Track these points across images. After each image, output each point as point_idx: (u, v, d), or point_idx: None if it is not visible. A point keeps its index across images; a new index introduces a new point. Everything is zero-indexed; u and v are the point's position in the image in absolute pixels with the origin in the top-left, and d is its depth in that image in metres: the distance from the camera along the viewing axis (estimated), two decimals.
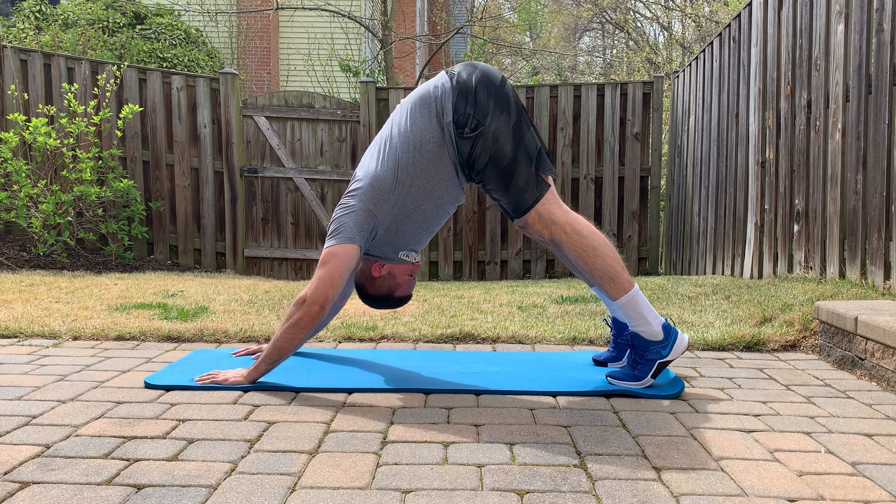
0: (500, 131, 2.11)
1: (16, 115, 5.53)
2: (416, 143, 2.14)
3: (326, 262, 2.11)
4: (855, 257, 3.29)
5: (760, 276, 4.33)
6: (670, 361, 2.17)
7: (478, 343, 2.92)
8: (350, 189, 2.19)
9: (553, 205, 2.17)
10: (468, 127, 2.10)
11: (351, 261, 2.12)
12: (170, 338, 2.93)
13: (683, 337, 2.19)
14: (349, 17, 10.13)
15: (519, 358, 2.61)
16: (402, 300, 2.33)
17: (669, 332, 2.17)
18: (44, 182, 5.59)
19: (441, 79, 2.19)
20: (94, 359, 2.57)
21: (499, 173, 2.13)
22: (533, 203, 2.15)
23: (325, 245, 2.15)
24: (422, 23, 15.65)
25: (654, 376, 2.17)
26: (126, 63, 6.47)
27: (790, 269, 3.96)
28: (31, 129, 5.46)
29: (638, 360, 2.17)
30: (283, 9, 10.25)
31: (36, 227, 5.41)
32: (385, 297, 2.30)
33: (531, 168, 2.14)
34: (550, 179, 2.21)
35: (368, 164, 2.20)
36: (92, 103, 5.92)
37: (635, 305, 2.16)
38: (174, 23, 9.56)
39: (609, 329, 2.72)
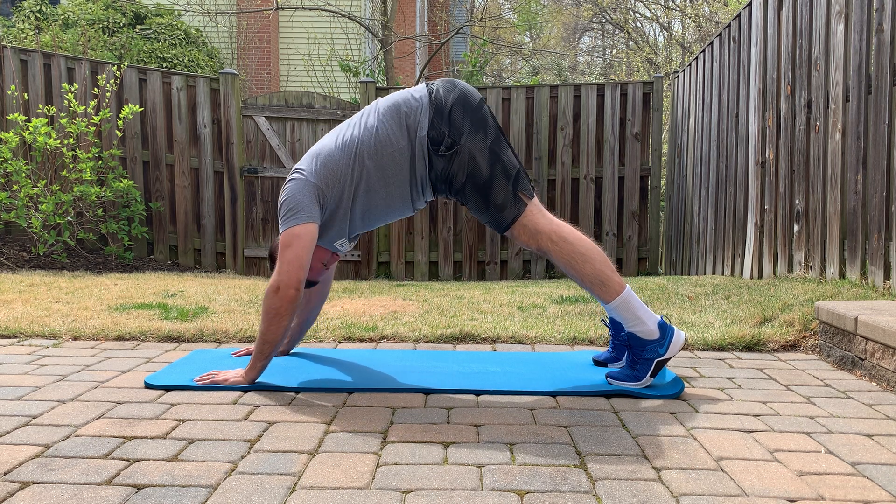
0: (477, 150, 2.13)
1: (16, 115, 5.53)
2: (378, 141, 2.17)
3: (290, 244, 2.13)
4: (855, 257, 3.29)
5: (760, 276, 4.33)
6: (668, 359, 2.17)
7: (478, 343, 2.92)
8: (301, 164, 2.21)
9: (537, 215, 2.19)
10: (444, 145, 2.13)
11: (314, 239, 2.16)
12: (170, 338, 2.93)
13: (680, 334, 2.19)
14: (349, 17, 10.13)
15: (519, 358, 2.61)
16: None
17: (665, 330, 2.17)
18: (44, 182, 5.59)
19: (420, 91, 2.21)
20: (94, 359, 2.57)
21: (477, 191, 2.16)
22: (512, 221, 2.17)
23: (284, 227, 2.15)
24: (422, 23, 15.65)
25: (653, 375, 2.17)
26: (126, 63, 6.47)
27: (790, 269, 3.96)
28: (31, 129, 5.47)
29: (636, 360, 2.17)
30: (283, 9, 10.26)
31: (36, 228, 5.41)
32: None
33: (509, 186, 2.16)
34: (532, 197, 2.22)
35: (325, 142, 2.23)
36: (92, 103, 5.92)
37: (629, 306, 2.17)
38: (174, 23, 9.56)
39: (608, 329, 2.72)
